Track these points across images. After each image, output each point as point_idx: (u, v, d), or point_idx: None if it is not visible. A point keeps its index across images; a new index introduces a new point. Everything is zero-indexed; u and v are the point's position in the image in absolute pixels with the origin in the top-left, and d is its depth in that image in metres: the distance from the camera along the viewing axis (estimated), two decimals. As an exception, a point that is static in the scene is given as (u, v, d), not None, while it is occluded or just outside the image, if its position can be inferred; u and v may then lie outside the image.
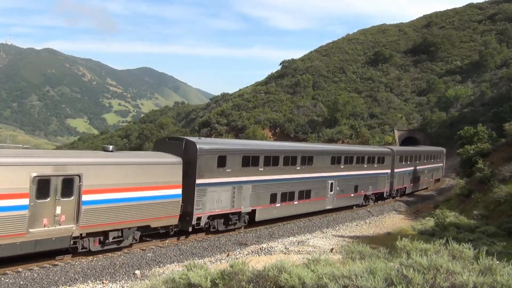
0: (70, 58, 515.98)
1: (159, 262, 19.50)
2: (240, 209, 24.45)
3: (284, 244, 24.65)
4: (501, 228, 21.39)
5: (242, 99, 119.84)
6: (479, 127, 60.92)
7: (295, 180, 28.61)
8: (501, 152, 37.39)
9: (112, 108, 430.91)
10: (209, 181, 22.27)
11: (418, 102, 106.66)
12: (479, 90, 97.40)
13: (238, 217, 24.69)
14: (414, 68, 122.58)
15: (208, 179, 22.18)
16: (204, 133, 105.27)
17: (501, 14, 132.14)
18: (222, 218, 23.86)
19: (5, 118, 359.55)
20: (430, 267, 8.23)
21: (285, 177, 27.58)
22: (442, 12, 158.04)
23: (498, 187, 27.78)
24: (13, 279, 15.48)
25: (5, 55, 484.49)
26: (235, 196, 23.86)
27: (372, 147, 49.57)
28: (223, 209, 23.38)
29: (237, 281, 9.15)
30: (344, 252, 13.10)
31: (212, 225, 23.45)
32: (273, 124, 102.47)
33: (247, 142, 34.30)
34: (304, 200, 29.49)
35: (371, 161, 37.88)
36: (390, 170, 41.35)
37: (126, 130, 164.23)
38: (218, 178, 22.79)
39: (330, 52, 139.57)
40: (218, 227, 23.78)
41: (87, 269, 17.27)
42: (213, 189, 22.47)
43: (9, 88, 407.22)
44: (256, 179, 25.30)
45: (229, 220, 24.25)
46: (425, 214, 35.29)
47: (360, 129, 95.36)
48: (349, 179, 34.61)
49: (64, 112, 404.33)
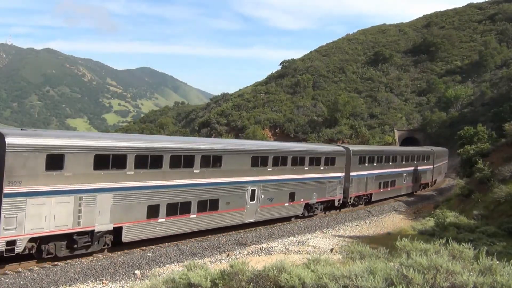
0: (70, 58, 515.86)
1: (159, 262, 19.51)
2: (92, 227, 18.12)
3: (284, 244, 24.65)
4: (501, 228, 21.41)
5: (242, 99, 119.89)
6: (479, 127, 60.98)
7: (192, 187, 22.25)
8: (501, 152, 37.39)
9: (112, 108, 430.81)
10: (31, 189, 16.22)
11: (418, 102, 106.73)
12: (479, 90, 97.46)
13: (91, 238, 18.39)
14: (414, 68, 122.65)
15: (29, 186, 16.14)
16: (204, 133, 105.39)
17: (501, 14, 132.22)
18: (61, 240, 17.64)
19: (5, 118, 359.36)
20: (430, 267, 8.23)
21: (173, 183, 21.34)
22: (442, 12, 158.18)
23: (498, 187, 27.81)
24: (13, 279, 15.48)
25: (5, 55, 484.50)
26: (81, 209, 17.65)
27: (318, 145, 40.44)
28: (60, 228, 17.10)
29: (237, 281, 9.15)
30: (344, 252, 13.10)
31: (46, 250, 17.25)
32: (273, 124, 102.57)
33: (100, 135, 23.57)
34: (207, 213, 23.09)
35: (315, 163, 31.18)
36: (344, 174, 34.76)
37: (126, 130, 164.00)
38: (48, 185, 16.70)
39: (330, 52, 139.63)
40: (56, 253, 17.61)
41: (87, 269, 17.27)
42: (38, 200, 16.41)
43: (9, 88, 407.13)
44: (121, 186, 19.08)
45: (74, 243, 17.89)
46: (425, 214, 35.31)
47: (360, 129, 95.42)
48: (280, 184, 28.12)
49: (64, 112, 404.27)
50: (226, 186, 24.17)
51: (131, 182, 19.36)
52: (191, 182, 22.16)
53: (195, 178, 22.34)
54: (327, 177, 32.61)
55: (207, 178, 22.95)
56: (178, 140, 25.43)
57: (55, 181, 16.83)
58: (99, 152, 18.17)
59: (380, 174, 40.58)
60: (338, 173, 33.96)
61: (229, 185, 24.38)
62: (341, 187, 34.34)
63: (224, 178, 24.02)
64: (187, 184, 21.92)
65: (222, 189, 23.95)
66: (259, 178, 26.27)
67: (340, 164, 34.15)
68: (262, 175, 26.48)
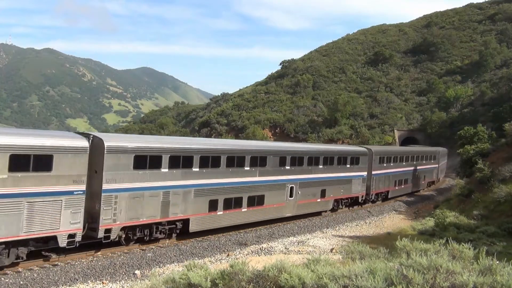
0: (70, 58, 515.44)
1: (159, 262, 19.50)
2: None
3: (284, 244, 24.65)
4: (501, 228, 21.43)
5: (242, 99, 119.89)
6: (479, 127, 61.03)
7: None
8: (501, 152, 37.42)
9: (112, 108, 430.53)
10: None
11: (418, 102, 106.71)
12: (479, 90, 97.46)
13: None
14: (414, 68, 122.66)
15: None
16: (204, 133, 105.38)
17: (501, 14, 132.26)
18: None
19: (5, 118, 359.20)
20: (430, 267, 8.23)
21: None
22: (442, 12, 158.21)
23: (498, 187, 27.84)
24: (13, 279, 15.48)
25: (5, 55, 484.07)
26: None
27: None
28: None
29: (237, 281, 9.15)
30: (344, 252, 13.09)
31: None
32: (273, 124, 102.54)
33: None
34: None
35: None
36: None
37: (126, 130, 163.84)
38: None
39: (330, 52, 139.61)
40: None
41: (87, 269, 17.27)
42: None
43: (9, 88, 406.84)
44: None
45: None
46: (425, 214, 35.30)
47: (360, 129, 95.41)
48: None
49: (64, 112, 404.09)
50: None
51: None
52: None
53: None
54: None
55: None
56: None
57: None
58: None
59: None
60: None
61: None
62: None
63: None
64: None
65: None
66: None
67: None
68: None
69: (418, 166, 49.51)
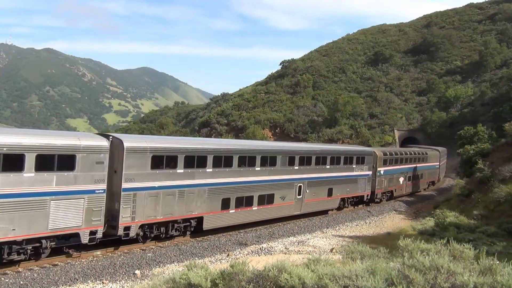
0: (70, 58, 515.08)
1: (159, 262, 19.49)
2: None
3: (284, 244, 24.64)
4: (501, 228, 21.40)
5: (242, 99, 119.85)
6: (479, 127, 60.96)
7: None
8: (501, 152, 37.39)
9: (112, 108, 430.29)
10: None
11: (418, 102, 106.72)
12: (479, 90, 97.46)
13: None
14: (414, 68, 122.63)
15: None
16: (204, 133, 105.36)
17: (501, 14, 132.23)
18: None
19: (5, 118, 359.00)
20: (431, 267, 8.22)
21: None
22: (442, 12, 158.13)
23: (498, 187, 27.80)
24: (13, 279, 15.47)
25: (5, 55, 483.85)
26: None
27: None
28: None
29: (237, 281, 9.14)
30: (344, 252, 13.08)
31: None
32: (273, 124, 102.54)
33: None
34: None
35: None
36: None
37: (126, 130, 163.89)
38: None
39: (330, 52, 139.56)
40: None
41: (87, 269, 17.26)
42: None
43: (9, 88, 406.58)
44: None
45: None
46: (425, 214, 35.27)
47: (360, 129, 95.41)
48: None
49: (64, 112, 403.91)
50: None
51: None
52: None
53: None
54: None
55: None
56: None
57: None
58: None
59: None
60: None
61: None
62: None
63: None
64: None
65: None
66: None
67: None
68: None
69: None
